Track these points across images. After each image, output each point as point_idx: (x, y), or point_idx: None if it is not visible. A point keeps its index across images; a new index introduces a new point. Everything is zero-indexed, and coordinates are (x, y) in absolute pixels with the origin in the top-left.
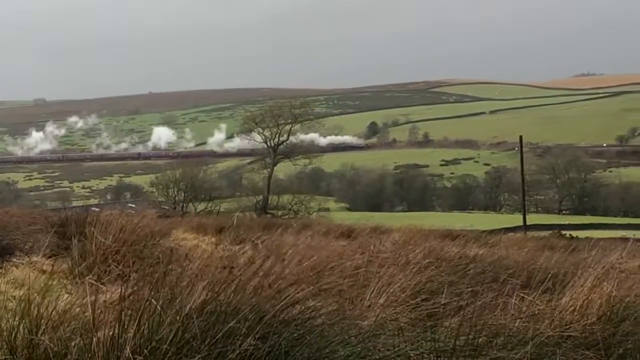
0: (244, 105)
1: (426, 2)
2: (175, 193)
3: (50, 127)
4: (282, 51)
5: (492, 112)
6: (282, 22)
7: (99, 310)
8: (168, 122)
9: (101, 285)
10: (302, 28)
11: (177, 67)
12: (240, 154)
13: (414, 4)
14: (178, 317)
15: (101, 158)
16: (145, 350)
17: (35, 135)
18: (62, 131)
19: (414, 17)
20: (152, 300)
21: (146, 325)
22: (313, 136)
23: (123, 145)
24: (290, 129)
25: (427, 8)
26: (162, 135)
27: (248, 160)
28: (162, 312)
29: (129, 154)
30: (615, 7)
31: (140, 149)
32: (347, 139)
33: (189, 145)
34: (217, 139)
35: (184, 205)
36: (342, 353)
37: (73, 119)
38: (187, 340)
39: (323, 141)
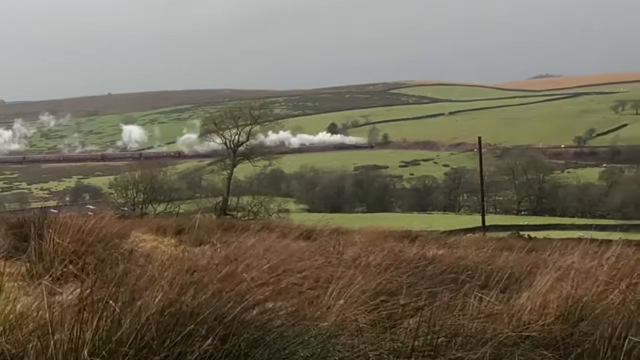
0: (203, 106)
1: (385, 5)
2: (135, 194)
3: (9, 128)
4: (241, 53)
5: (451, 113)
6: (241, 24)
7: (57, 312)
8: (127, 124)
9: (59, 287)
10: (262, 30)
11: (136, 69)
12: (200, 155)
13: (373, 7)
14: (137, 319)
15: (60, 159)
16: (104, 352)
17: None
18: (23, 132)
19: (374, 19)
20: (111, 301)
21: (104, 327)
22: (315, 137)
23: (82, 147)
24: (250, 130)
25: (386, 11)
26: (132, 133)
27: (208, 162)
28: (120, 314)
29: (88, 156)
30: (572, 9)
31: (100, 150)
32: (350, 138)
33: (148, 146)
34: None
35: (143, 206)
36: (302, 354)
37: (32, 120)
38: (146, 342)
39: (327, 140)
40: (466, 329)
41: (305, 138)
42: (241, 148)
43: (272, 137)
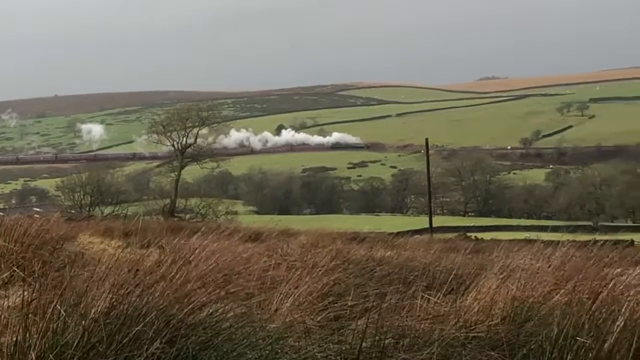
0: (151, 108)
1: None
2: (82, 197)
3: None
4: (189, 55)
5: (398, 115)
6: (189, 27)
7: (2, 316)
8: (74, 125)
9: (4, 291)
10: (210, 33)
11: (83, 70)
12: (148, 157)
13: (322, 10)
14: (83, 322)
15: (6, 161)
16: (51, 355)
17: None
18: None
19: (323, 22)
20: (57, 304)
21: (51, 330)
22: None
23: (30, 149)
24: (198, 132)
25: (334, 14)
26: (94, 132)
27: (156, 164)
28: (67, 317)
29: (35, 158)
30: (518, 10)
31: (47, 152)
32: (347, 138)
33: (98, 148)
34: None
35: (91, 209)
36: (250, 356)
37: None
38: (93, 344)
39: (322, 140)
40: (414, 330)
41: (284, 138)
42: (189, 150)
43: (250, 138)
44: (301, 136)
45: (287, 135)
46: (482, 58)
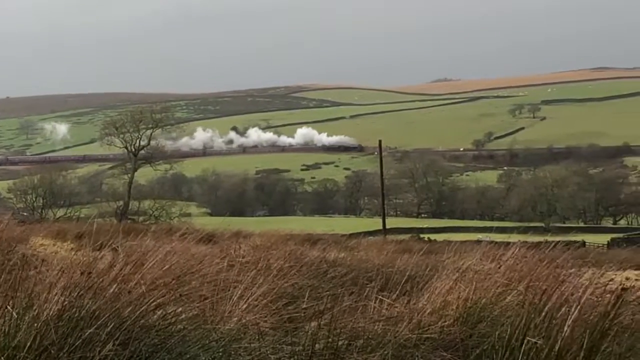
0: (104, 110)
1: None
2: (34, 199)
3: None
4: (141, 57)
5: (352, 116)
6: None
7: None
8: (25, 128)
9: None
10: (162, 34)
11: (35, 72)
12: (101, 159)
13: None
14: (35, 324)
15: None
16: (2, 358)
17: None
18: None
19: (274, 24)
20: (8, 306)
21: (2, 332)
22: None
23: None
24: (151, 134)
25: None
26: (59, 131)
27: (108, 166)
28: (18, 319)
29: None
30: (470, 12)
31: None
32: (342, 139)
33: (47, 150)
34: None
35: (43, 211)
36: (203, 358)
37: None
38: (45, 347)
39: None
40: (367, 331)
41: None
42: (142, 152)
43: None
44: (269, 136)
45: (254, 135)
46: (435, 60)
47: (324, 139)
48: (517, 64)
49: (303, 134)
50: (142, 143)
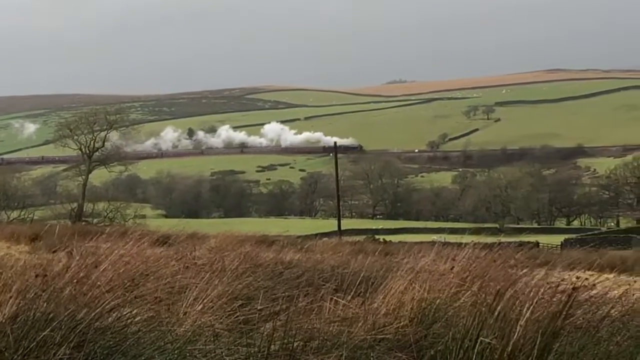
0: (58, 111)
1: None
2: None
3: None
4: (95, 58)
5: (307, 118)
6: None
7: None
8: None
9: None
10: (116, 36)
11: None
12: (55, 161)
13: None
14: None
15: None
16: None
17: None
18: None
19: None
20: None
21: None
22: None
23: None
24: (106, 136)
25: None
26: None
27: (63, 168)
28: None
29: None
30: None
31: None
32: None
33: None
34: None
35: None
36: None
37: None
38: (0, 350)
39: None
40: (322, 332)
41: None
42: (97, 153)
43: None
44: (241, 136)
45: (224, 134)
46: (389, 62)
47: (323, 139)
48: (472, 66)
49: (275, 131)
50: (97, 145)
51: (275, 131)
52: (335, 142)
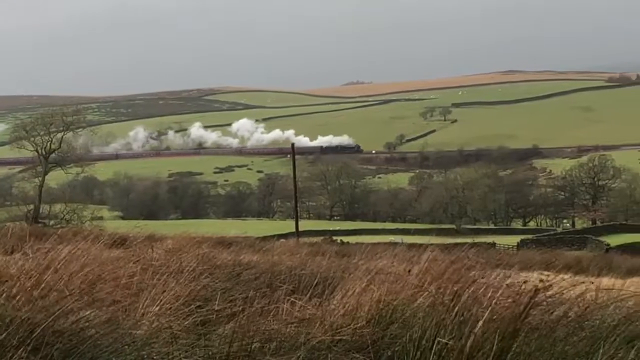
0: (14, 113)
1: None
2: None
3: None
4: (53, 60)
5: (265, 119)
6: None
7: None
8: None
9: None
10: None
11: None
12: (11, 162)
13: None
14: None
15: None
16: None
17: None
18: None
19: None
20: None
21: None
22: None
23: None
24: (62, 137)
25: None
26: None
27: (19, 169)
28: None
29: None
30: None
31: None
32: (340, 139)
33: None
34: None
35: None
36: None
37: None
38: None
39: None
40: (280, 333)
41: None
42: (53, 155)
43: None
44: (213, 136)
45: (196, 133)
46: (347, 63)
47: (321, 139)
48: (429, 67)
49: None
50: (53, 146)
51: (246, 127)
52: (292, 144)
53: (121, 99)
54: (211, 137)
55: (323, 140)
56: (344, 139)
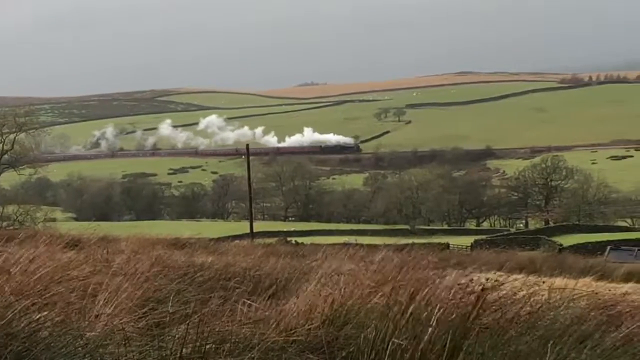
0: None
1: (152, 9)
2: None
3: None
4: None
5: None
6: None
7: None
8: None
9: None
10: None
11: None
12: None
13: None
14: None
15: None
16: None
17: None
18: None
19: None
20: None
21: None
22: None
23: None
24: (15, 139)
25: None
26: None
27: None
28: None
29: None
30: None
31: None
32: (339, 138)
33: None
34: None
35: None
36: None
37: None
38: None
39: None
40: (234, 334)
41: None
42: (6, 156)
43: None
44: (181, 135)
45: (164, 132)
46: (301, 64)
47: (321, 138)
48: (383, 69)
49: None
50: (6, 147)
51: (216, 125)
52: (247, 145)
53: (75, 100)
54: (181, 136)
55: (321, 139)
56: (341, 138)
